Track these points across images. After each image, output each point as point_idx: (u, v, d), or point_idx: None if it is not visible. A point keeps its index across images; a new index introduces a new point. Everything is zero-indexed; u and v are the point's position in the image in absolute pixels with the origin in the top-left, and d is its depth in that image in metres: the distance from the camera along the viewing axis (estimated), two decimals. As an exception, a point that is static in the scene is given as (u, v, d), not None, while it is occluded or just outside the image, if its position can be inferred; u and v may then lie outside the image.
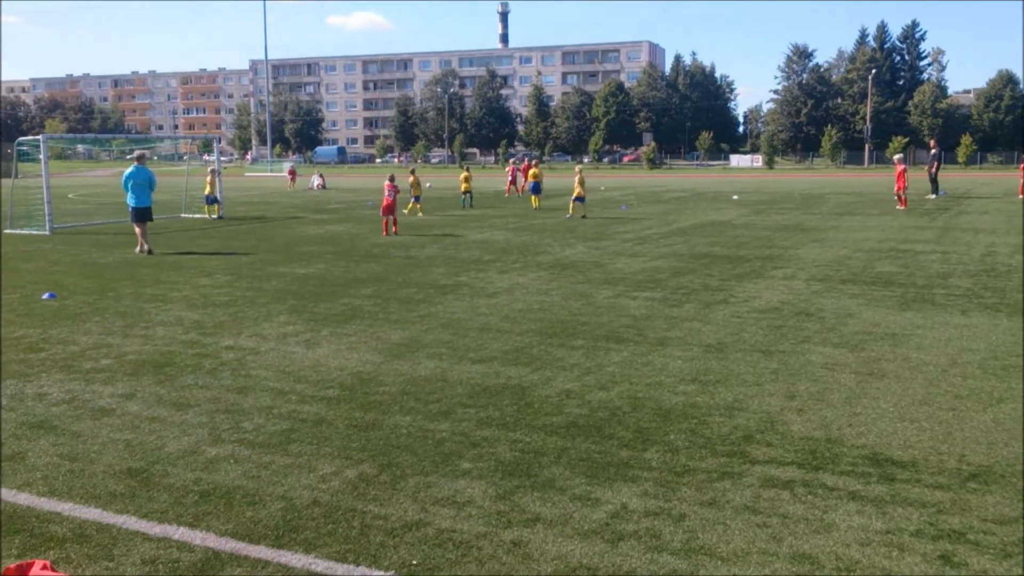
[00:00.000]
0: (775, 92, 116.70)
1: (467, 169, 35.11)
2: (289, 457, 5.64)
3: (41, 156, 23.63)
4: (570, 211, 26.44)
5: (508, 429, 6.17)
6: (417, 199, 28.28)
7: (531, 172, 31.43)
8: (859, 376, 7.50)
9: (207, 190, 27.63)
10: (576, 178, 26.23)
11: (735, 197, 37.43)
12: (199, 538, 4.48)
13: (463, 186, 32.30)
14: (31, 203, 26.01)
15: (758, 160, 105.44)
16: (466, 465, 5.47)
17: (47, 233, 22.13)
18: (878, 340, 8.89)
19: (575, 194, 26.17)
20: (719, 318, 10.16)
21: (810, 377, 7.49)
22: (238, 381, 7.51)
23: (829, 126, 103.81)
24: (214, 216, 27.39)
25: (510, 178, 41.67)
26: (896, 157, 31.33)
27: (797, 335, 9.17)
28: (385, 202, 21.24)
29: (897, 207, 28.07)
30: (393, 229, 20.91)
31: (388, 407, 6.71)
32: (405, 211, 27.07)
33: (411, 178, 28.43)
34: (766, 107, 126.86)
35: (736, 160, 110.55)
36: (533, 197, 30.42)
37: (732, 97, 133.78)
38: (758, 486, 5.12)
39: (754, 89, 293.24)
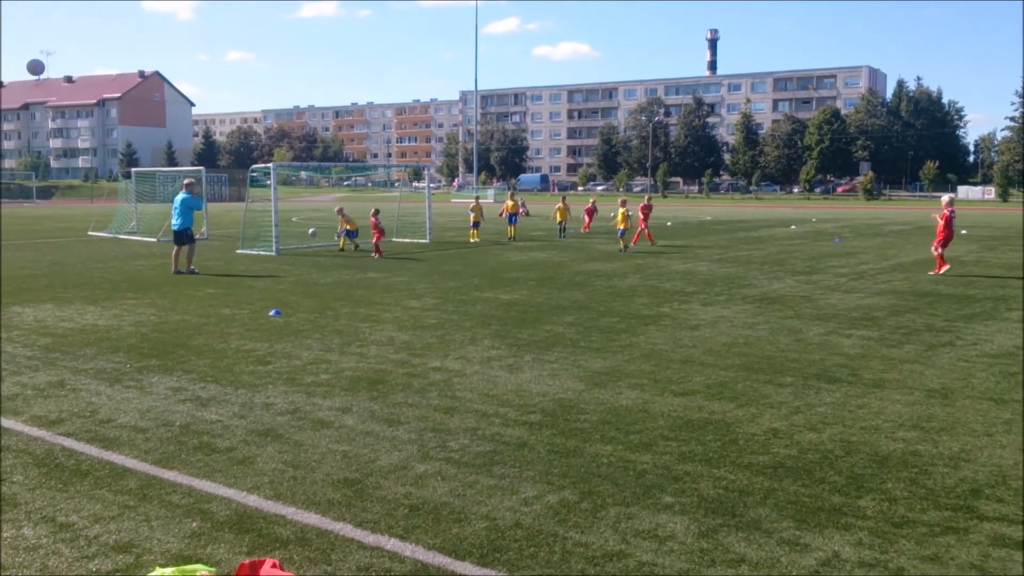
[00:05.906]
0: (1011, 119, 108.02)
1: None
2: (493, 478, 5.77)
3: (270, 182, 25.66)
4: (621, 244, 25.58)
5: (711, 465, 6.02)
6: (476, 224, 30.05)
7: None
8: (1110, 432, 6.76)
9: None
10: (620, 211, 25.44)
11: (964, 232, 34.89)
12: (409, 550, 4.66)
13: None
14: (260, 225, 28.26)
15: (990, 192, 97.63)
16: (668, 499, 5.39)
17: (273, 254, 23.84)
18: None
19: (622, 227, 25.25)
20: (944, 361, 9.47)
21: (1050, 430, 6.83)
22: (445, 401, 7.79)
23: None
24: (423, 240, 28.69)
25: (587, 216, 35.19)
26: (945, 199, 19.39)
27: (1034, 383, 8.40)
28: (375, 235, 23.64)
29: (930, 272, 18.65)
30: (375, 254, 23.27)
31: (589, 435, 6.73)
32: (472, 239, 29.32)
33: (473, 203, 31.03)
34: (1001, 135, 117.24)
35: (965, 192, 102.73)
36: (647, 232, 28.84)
37: (962, 124, 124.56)
38: (987, 544, 4.72)
39: (987, 116, 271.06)
